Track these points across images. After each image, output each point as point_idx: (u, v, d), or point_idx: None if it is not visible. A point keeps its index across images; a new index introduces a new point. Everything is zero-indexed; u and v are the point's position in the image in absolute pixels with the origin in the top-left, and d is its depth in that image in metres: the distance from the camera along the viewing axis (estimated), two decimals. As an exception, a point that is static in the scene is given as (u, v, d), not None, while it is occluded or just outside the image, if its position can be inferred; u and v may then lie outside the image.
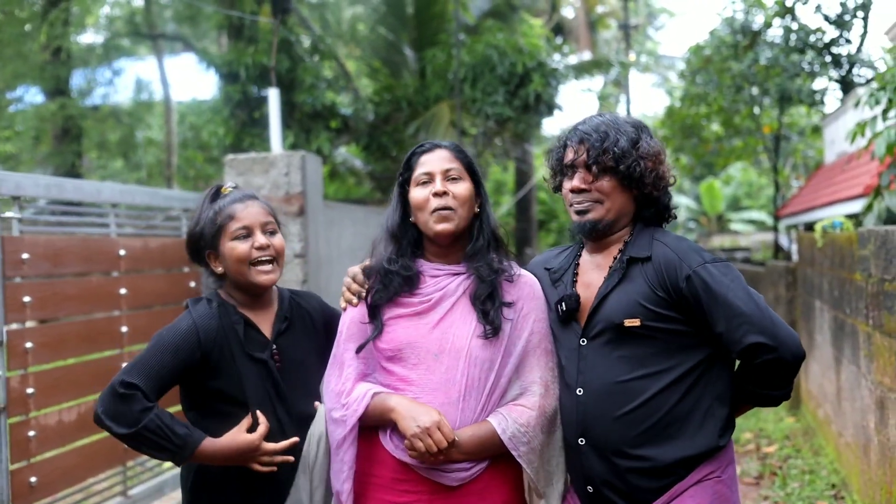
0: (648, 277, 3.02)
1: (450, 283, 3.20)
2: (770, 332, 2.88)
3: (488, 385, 3.10)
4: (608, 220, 3.13)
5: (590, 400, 3.05)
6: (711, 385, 3.03)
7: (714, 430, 3.01)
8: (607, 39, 40.71)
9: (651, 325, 2.99)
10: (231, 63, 16.85)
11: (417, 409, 3.01)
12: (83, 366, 5.50)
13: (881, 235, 5.65)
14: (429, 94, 17.93)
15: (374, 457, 3.14)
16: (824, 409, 8.51)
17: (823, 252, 8.20)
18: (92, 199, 5.69)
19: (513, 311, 3.18)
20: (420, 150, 3.26)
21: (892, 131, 6.78)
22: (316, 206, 7.37)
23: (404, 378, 3.11)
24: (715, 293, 2.92)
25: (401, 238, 3.24)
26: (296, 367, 3.34)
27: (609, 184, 3.11)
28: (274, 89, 11.90)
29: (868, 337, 6.13)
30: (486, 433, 3.06)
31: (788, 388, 3.05)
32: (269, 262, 3.30)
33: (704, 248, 3.09)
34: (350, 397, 3.11)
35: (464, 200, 3.17)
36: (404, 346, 3.12)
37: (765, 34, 20.40)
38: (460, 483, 3.07)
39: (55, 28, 18.04)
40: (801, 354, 2.93)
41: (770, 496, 7.28)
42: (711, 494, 3.00)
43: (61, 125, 19.76)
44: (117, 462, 5.80)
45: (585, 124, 3.21)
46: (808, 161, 27.31)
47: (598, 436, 3.03)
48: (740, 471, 8.17)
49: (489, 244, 3.23)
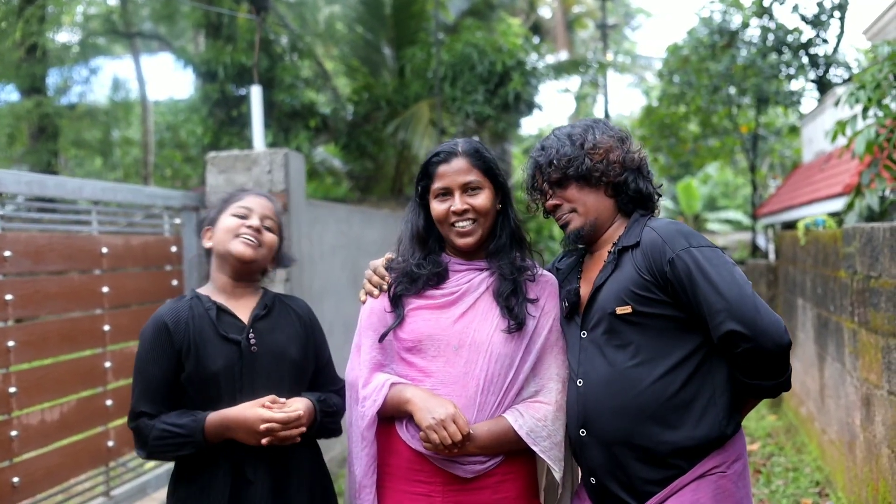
0: (637, 263, 3.03)
1: (473, 279, 3.22)
2: (748, 320, 2.82)
3: (507, 381, 3.12)
4: (589, 223, 3.19)
5: (589, 391, 3.06)
6: (712, 374, 3.01)
7: (717, 419, 2.98)
8: (584, 39, 40.79)
9: (642, 310, 2.99)
10: (209, 62, 16.80)
11: (433, 400, 3.01)
12: (65, 364, 5.42)
13: (866, 233, 5.66)
14: (408, 93, 17.92)
15: (391, 446, 3.16)
16: (807, 406, 8.52)
17: (806, 250, 8.22)
18: (74, 196, 5.61)
19: (535, 308, 3.21)
20: (437, 160, 3.24)
21: (872, 130, 6.80)
22: (299, 204, 7.31)
23: (423, 370, 3.13)
24: (696, 277, 2.90)
25: (427, 239, 3.28)
26: (274, 353, 3.33)
27: (573, 191, 3.18)
28: (256, 86, 11.89)
29: (853, 334, 6.14)
30: (502, 429, 3.07)
31: (781, 379, 2.97)
32: (253, 238, 3.31)
33: (696, 233, 3.05)
34: (368, 388, 3.13)
35: (485, 212, 3.19)
36: (425, 337, 3.13)
37: (742, 34, 20.48)
38: (475, 475, 3.09)
39: (30, 25, 17.88)
40: (784, 343, 2.86)
41: (755, 493, 7.28)
42: (714, 489, 2.97)
43: (37, 124, 19.59)
44: (100, 462, 5.71)
45: (545, 141, 3.31)
46: (786, 161, 27.42)
47: (598, 426, 3.03)
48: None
49: (511, 242, 3.27)
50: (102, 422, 5.71)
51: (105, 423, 5.73)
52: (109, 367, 5.73)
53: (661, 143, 23.18)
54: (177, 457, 3.22)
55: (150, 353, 3.22)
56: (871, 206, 7.28)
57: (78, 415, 5.48)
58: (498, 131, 18.03)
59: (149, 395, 3.19)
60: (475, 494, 3.08)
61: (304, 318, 3.52)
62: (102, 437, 5.70)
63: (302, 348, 3.43)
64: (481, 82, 16.97)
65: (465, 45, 17.16)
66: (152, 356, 3.21)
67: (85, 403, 5.56)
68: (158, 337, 3.22)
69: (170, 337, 3.21)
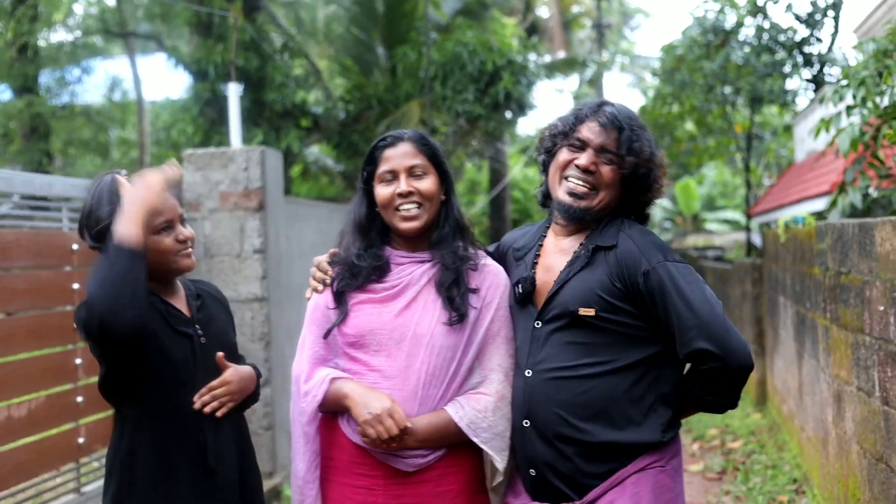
0: (609, 268, 3.02)
1: (415, 271, 3.21)
2: (719, 340, 2.86)
3: (450, 373, 3.11)
4: (596, 209, 3.14)
5: (537, 382, 3.05)
6: (657, 383, 3.03)
7: (656, 427, 3.01)
8: (582, 39, 40.78)
9: (605, 316, 2.99)
10: (200, 61, 16.81)
11: (370, 395, 3.01)
12: (34, 361, 5.42)
13: (837, 229, 5.66)
14: (399, 93, 17.94)
15: (334, 440, 3.16)
16: (788, 404, 8.52)
17: (786, 247, 8.22)
18: (43, 193, 5.62)
19: (477, 299, 3.19)
20: (383, 144, 3.24)
21: (856, 127, 6.79)
22: (276, 201, 7.32)
23: (366, 364, 3.13)
24: (670, 293, 2.92)
25: (369, 230, 3.26)
26: (218, 341, 3.34)
27: (614, 177, 3.11)
28: (234, 84, 11.88)
29: (826, 330, 6.14)
30: (443, 421, 3.07)
31: (734, 398, 3.03)
32: (190, 250, 3.32)
33: (670, 247, 3.08)
34: (309, 383, 3.13)
35: (429, 196, 3.18)
36: (367, 332, 3.13)
37: (737, 33, 20.46)
38: (416, 469, 3.09)
39: (21, 25, 17.90)
40: (748, 366, 2.91)
41: (732, 491, 7.30)
42: (653, 483, 2.99)
43: (28, 123, 19.62)
44: (71, 458, 5.72)
45: (614, 108, 3.18)
46: (781, 160, 27.42)
47: (542, 419, 3.03)
48: (703, 466, 8.19)
49: (454, 232, 3.26)
50: (73, 418, 5.71)
51: (76, 420, 5.73)
52: (80, 364, 5.73)
53: (657, 143, 23.16)
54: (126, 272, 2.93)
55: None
56: (853, 204, 7.27)
57: (47, 411, 5.48)
58: (489, 130, 18.05)
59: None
60: (417, 488, 3.09)
61: (223, 301, 3.57)
62: (73, 434, 5.70)
63: (234, 329, 3.53)
64: (471, 81, 16.99)
65: (456, 44, 17.18)
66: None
67: (55, 400, 5.56)
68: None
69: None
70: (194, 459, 3.20)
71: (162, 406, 3.19)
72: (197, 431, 3.20)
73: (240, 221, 7.09)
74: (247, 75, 16.89)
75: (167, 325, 3.23)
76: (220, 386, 3.21)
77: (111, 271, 2.82)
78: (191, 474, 3.19)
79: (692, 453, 8.82)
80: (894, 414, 4.39)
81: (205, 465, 3.20)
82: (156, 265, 3.24)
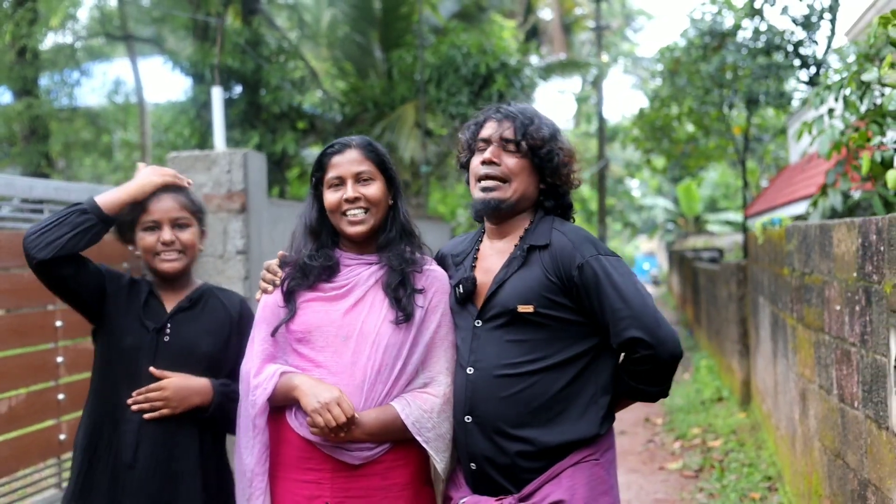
0: (545, 264, 3.12)
1: (363, 272, 3.31)
2: (650, 329, 2.99)
3: (395, 371, 3.21)
4: (511, 200, 3.22)
5: (478, 380, 3.15)
6: (597, 375, 3.13)
7: (596, 419, 3.11)
8: (583, 41, 40.86)
9: (543, 311, 3.08)
10: (197, 64, 16.92)
11: (319, 386, 3.11)
12: (14, 359, 5.53)
13: (802, 230, 5.77)
14: (395, 95, 18.05)
15: (281, 436, 3.25)
16: (767, 403, 8.62)
17: (763, 249, 8.32)
18: (24, 195, 5.74)
19: (423, 299, 3.30)
20: (331, 151, 3.35)
21: (836, 130, 6.88)
22: (259, 203, 7.43)
23: (313, 360, 3.22)
24: (603, 284, 3.02)
25: (320, 232, 3.36)
26: (183, 345, 3.47)
27: (520, 164, 3.21)
28: (217, 88, 12.03)
29: (793, 330, 6.25)
30: (390, 417, 3.17)
31: (665, 387, 3.15)
32: (174, 252, 3.43)
33: (601, 242, 3.19)
34: (259, 378, 3.22)
35: (376, 201, 3.29)
36: (314, 328, 3.23)
37: (735, 36, 20.51)
38: (363, 462, 3.17)
39: (20, 28, 18.03)
40: (677, 354, 3.03)
41: (706, 488, 7.40)
42: (588, 476, 3.08)
43: (28, 126, 19.75)
44: (52, 454, 5.84)
45: (511, 106, 3.31)
46: (780, 162, 27.46)
47: (484, 414, 3.12)
48: (682, 464, 8.28)
49: (401, 235, 3.36)
50: (54, 415, 5.82)
51: (57, 417, 5.84)
52: (62, 363, 5.85)
53: (653, 145, 23.24)
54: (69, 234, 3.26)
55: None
56: (834, 206, 7.36)
57: (27, 408, 5.60)
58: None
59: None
60: (364, 481, 3.17)
61: (231, 312, 3.64)
62: (54, 431, 5.81)
63: (221, 341, 3.56)
64: (465, 84, 17.09)
65: (450, 47, 17.27)
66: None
67: (35, 397, 5.67)
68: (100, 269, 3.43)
69: (105, 281, 3.42)
70: (117, 449, 3.37)
71: (103, 387, 3.38)
72: (124, 422, 3.36)
73: (223, 223, 7.20)
74: (243, 78, 17.02)
75: (137, 313, 3.39)
76: (155, 390, 3.36)
77: (56, 215, 3.22)
78: (113, 463, 3.37)
79: (672, 451, 8.93)
80: (849, 411, 4.49)
81: (125, 458, 3.37)
82: (144, 261, 3.51)
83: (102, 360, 3.38)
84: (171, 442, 3.41)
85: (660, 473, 8.13)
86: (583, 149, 42.95)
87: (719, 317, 13.27)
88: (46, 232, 3.14)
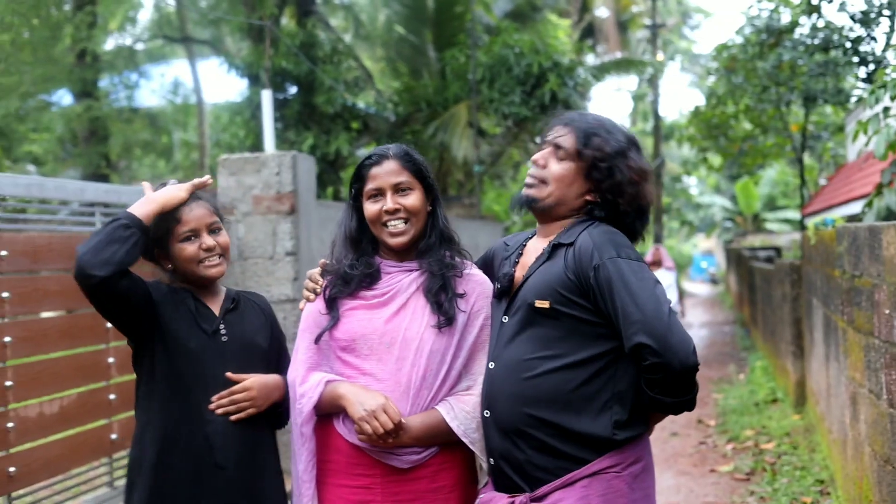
0: (566, 262, 3.09)
1: (403, 279, 3.34)
2: (660, 336, 2.88)
3: (440, 376, 3.24)
4: (546, 202, 3.21)
5: (496, 374, 3.15)
6: (614, 381, 3.06)
7: (607, 424, 3.03)
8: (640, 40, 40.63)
9: (559, 308, 3.05)
10: (251, 66, 17.08)
11: (365, 394, 3.14)
12: (66, 360, 5.64)
13: (852, 232, 5.70)
14: (448, 95, 18.08)
15: (330, 444, 3.28)
16: (820, 406, 8.53)
17: (816, 249, 8.23)
18: (76, 198, 5.85)
19: (465, 303, 3.32)
20: (369, 163, 3.37)
21: (891, 129, 6.78)
22: (308, 204, 7.50)
23: (358, 367, 3.26)
24: (616, 287, 2.96)
25: (360, 241, 3.39)
26: (242, 343, 3.51)
27: (564, 171, 3.18)
28: (266, 90, 12.16)
29: (844, 332, 6.18)
30: (435, 420, 3.20)
31: (685, 398, 3.01)
32: (216, 257, 3.48)
33: (629, 246, 3.11)
34: (304, 386, 3.26)
35: (415, 211, 3.31)
36: (358, 336, 3.26)
37: (791, 33, 20.28)
38: (412, 465, 3.20)
39: (80, 31, 18.31)
40: (689, 364, 2.90)
41: (757, 492, 7.34)
42: (605, 488, 3.01)
43: (87, 127, 20.07)
44: (103, 454, 5.95)
45: (584, 116, 3.29)
46: (839, 159, 27.12)
47: (499, 409, 3.12)
48: (733, 467, 8.22)
49: (440, 241, 3.38)
50: (106, 415, 5.93)
51: (108, 417, 5.95)
52: (113, 363, 5.95)
53: (709, 144, 23.05)
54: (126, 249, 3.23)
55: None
56: (889, 206, 7.26)
57: (79, 408, 5.71)
58: (536, 132, 18.11)
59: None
60: (414, 484, 3.20)
61: (266, 311, 3.71)
62: (105, 430, 5.92)
63: (268, 337, 3.62)
64: (518, 84, 17.05)
65: (503, 46, 17.25)
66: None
67: (87, 397, 5.78)
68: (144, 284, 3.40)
69: (150, 295, 3.37)
70: (199, 453, 3.38)
71: (174, 394, 3.39)
72: (205, 425, 3.37)
73: (272, 224, 7.30)
74: (297, 79, 17.15)
75: (191, 319, 3.43)
76: (241, 391, 3.39)
77: (97, 234, 3.19)
78: (194, 466, 3.38)
79: (724, 454, 8.85)
80: (899, 416, 4.44)
81: (212, 460, 3.38)
82: (183, 272, 3.49)
83: (167, 368, 3.40)
84: (253, 440, 3.46)
85: (710, 476, 8.07)
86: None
87: (774, 317, 13.14)
88: (101, 250, 3.14)
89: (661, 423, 3.33)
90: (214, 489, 3.39)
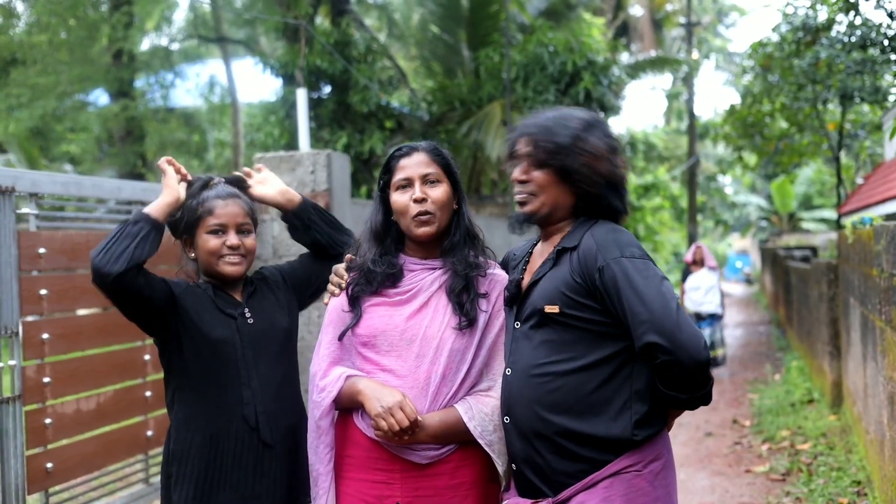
0: (572, 266, 3.08)
1: (426, 277, 3.35)
2: (669, 334, 2.87)
3: (460, 375, 3.24)
4: (542, 213, 3.21)
5: (514, 380, 3.15)
6: (631, 380, 3.05)
7: (627, 424, 3.02)
8: (674, 38, 40.46)
9: (569, 312, 3.05)
10: (286, 65, 17.14)
11: (382, 390, 3.15)
12: (102, 357, 5.69)
13: (890, 231, 5.65)
14: (482, 94, 18.07)
15: (349, 438, 3.30)
16: (857, 406, 8.46)
17: (854, 248, 8.16)
18: (112, 197, 5.90)
19: (487, 304, 3.32)
20: (398, 154, 3.39)
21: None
22: (342, 203, 7.51)
23: (378, 363, 3.27)
24: (622, 288, 2.95)
25: (384, 237, 3.39)
26: (267, 323, 3.56)
27: (544, 177, 3.18)
28: (301, 89, 12.19)
29: (881, 332, 6.12)
30: (453, 419, 3.20)
31: (699, 393, 3.00)
32: (238, 256, 3.51)
33: (635, 244, 3.10)
34: (325, 380, 3.28)
35: (442, 204, 3.31)
36: (379, 332, 3.27)
37: (829, 30, 20.11)
38: (430, 461, 3.21)
39: (117, 31, 18.46)
40: (700, 359, 2.88)
41: (792, 492, 7.29)
42: (626, 487, 3.01)
43: (124, 127, 20.23)
44: (139, 450, 5.99)
45: (534, 120, 3.28)
46: (876, 158, 26.89)
47: (518, 415, 3.11)
48: (769, 467, 8.17)
49: (465, 240, 3.38)
50: (141, 412, 5.98)
51: (144, 414, 6.00)
52: (148, 360, 5.99)
53: (744, 142, 22.91)
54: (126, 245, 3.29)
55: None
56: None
57: (115, 405, 5.75)
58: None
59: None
60: (433, 480, 3.21)
61: (277, 278, 3.76)
62: (141, 427, 5.97)
63: (286, 313, 3.68)
64: (552, 82, 17.02)
65: (537, 45, 17.23)
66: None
67: (123, 394, 5.83)
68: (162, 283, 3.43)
69: (171, 291, 3.41)
70: (244, 435, 3.43)
71: (209, 383, 3.44)
72: (244, 407, 3.43)
73: (306, 223, 7.31)
74: (332, 78, 17.20)
75: (213, 306, 3.48)
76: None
77: (114, 232, 3.28)
78: (242, 450, 3.43)
79: (760, 454, 8.80)
80: (937, 416, 4.40)
81: (258, 441, 3.44)
82: (203, 263, 3.54)
83: (197, 359, 3.43)
84: (293, 416, 3.56)
85: (746, 476, 8.03)
86: (673, 146, 42.53)
87: (810, 317, 13.04)
88: (111, 248, 3.22)
89: (696, 423, 3.31)
90: (264, 470, 3.45)
